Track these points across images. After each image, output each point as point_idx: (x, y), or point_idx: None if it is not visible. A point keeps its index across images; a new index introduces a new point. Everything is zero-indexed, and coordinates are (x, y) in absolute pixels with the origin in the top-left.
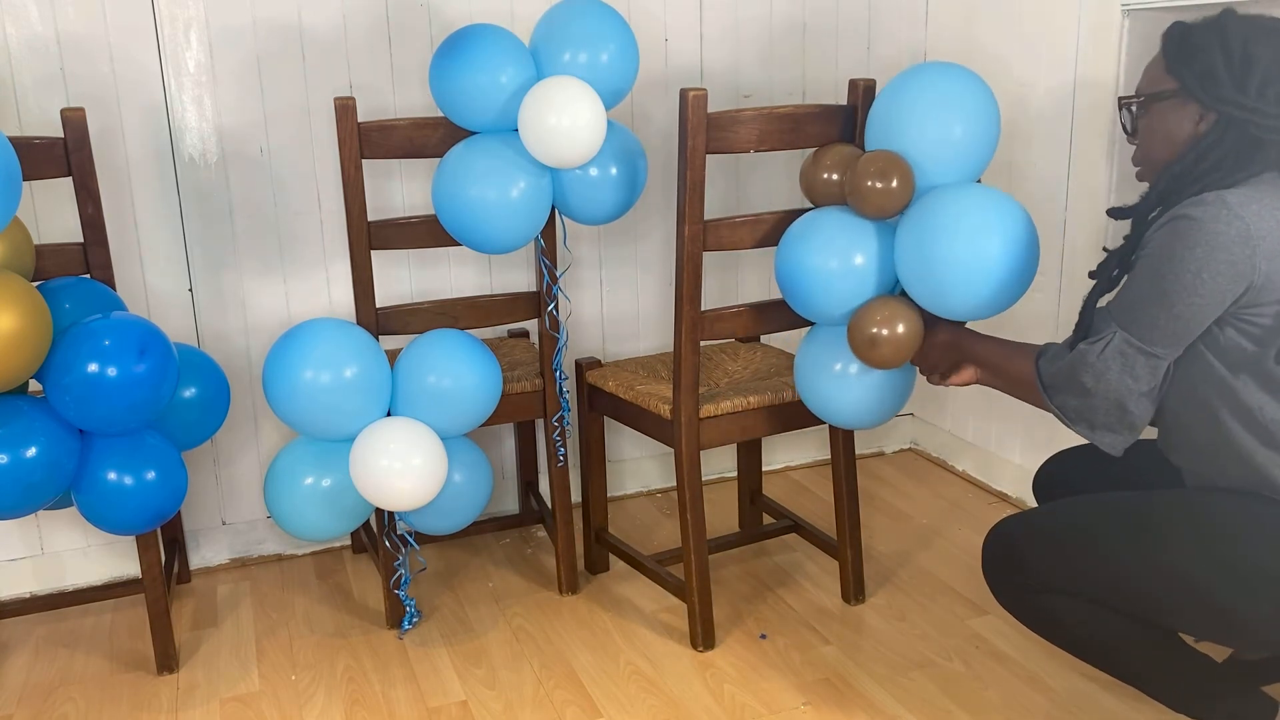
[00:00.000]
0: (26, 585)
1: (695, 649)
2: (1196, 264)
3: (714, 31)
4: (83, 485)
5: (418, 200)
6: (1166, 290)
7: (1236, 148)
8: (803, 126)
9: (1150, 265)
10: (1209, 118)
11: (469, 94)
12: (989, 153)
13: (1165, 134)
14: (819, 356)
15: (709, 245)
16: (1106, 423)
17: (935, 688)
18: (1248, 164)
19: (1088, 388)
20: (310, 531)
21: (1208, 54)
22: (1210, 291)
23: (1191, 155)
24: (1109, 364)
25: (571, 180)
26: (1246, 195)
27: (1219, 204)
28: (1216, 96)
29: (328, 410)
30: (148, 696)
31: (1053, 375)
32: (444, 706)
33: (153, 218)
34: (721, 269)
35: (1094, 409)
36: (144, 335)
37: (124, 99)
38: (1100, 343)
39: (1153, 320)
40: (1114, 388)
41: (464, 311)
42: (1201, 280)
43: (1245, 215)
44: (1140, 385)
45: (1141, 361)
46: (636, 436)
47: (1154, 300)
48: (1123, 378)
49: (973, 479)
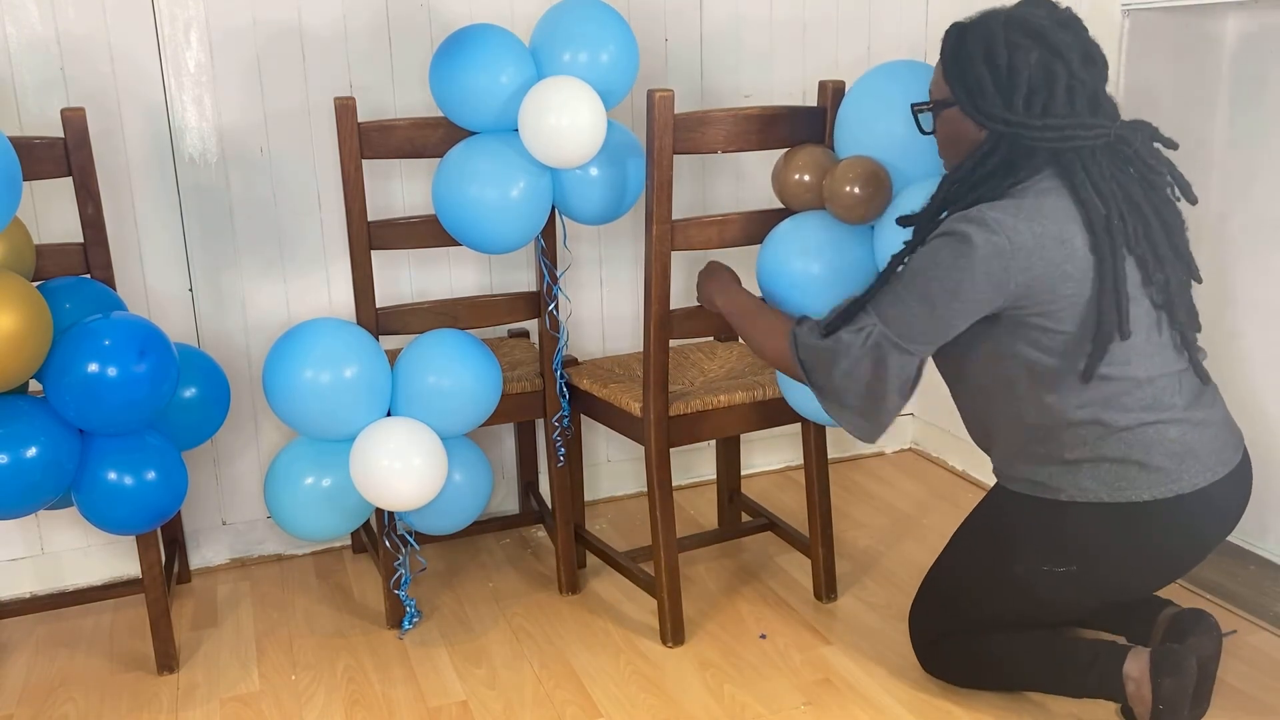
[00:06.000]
0: (26, 585)
1: (664, 644)
2: (959, 274)
3: (714, 31)
4: (83, 485)
5: (418, 200)
6: (930, 295)
7: (1010, 157)
8: (771, 128)
9: (918, 270)
10: (982, 131)
11: (469, 94)
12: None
13: (954, 139)
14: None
15: (677, 245)
16: (858, 406)
17: (935, 687)
18: (1021, 169)
19: (844, 371)
20: (310, 531)
21: (975, 67)
22: (969, 299)
23: (969, 163)
24: (866, 354)
25: (571, 180)
26: (1009, 209)
27: (980, 222)
28: (987, 114)
29: (328, 410)
30: (148, 696)
31: (809, 352)
32: (444, 706)
33: (153, 218)
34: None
35: (846, 391)
36: (144, 335)
37: (124, 99)
38: (861, 334)
39: (913, 319)
40: (867, 377)
41: (464, 311)
42: (962, 289)
43: (1004, 231)
44: (891, 379)
45: (895, 356)
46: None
47: (917, 302)
48: (877, 369)
49: (973, 479)
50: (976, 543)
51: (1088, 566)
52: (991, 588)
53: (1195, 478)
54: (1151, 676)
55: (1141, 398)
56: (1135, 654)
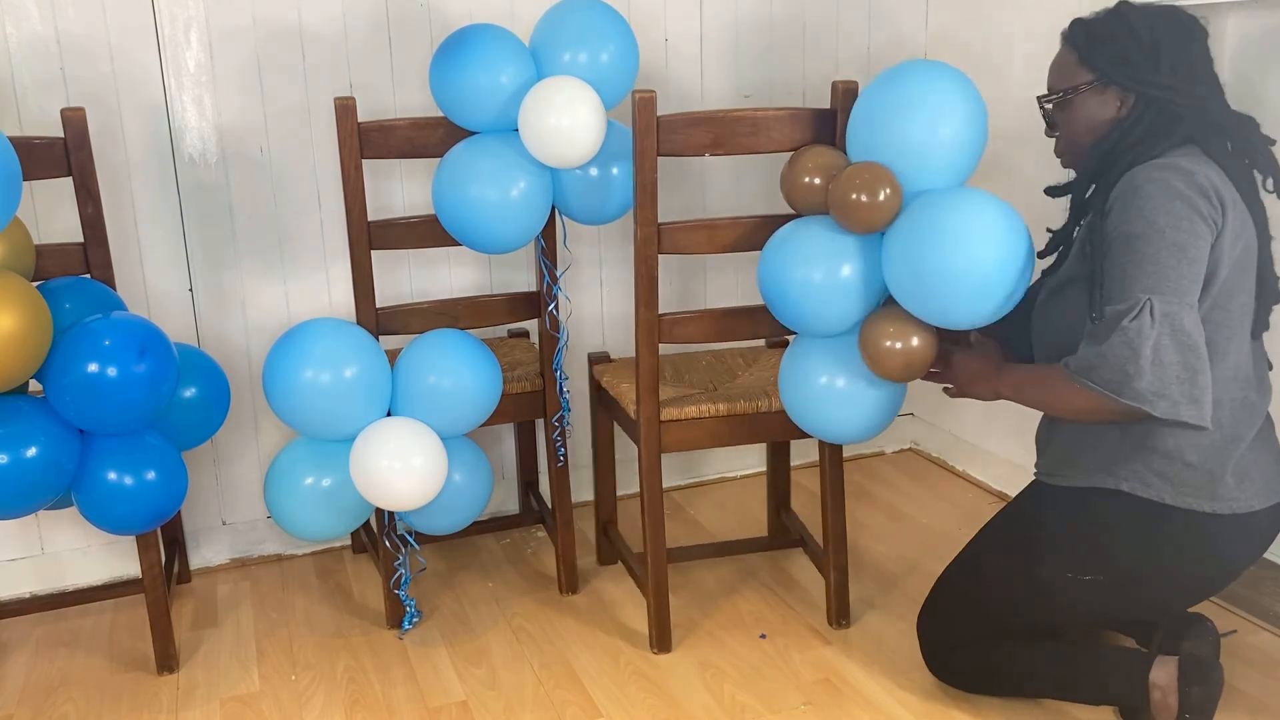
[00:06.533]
0: (26, 585)
1: (650, 650)
2: (1188, 212)
3: (714, 31)
4: (83, 485)
5: (418, 200)
6: (1179, 243)
7: (1156, 124)
8: (764, 130)
9: (1149, 226)
10: (1128, 100)
11: (469, 94)
12: (976, 155)
13: (1087, 121)
14: (803, 368)
15: (665, 248)
16: (1185, 391)
17: (935, 688)
18: (1168, 136)
19: (1152, 360)
20: (310, 531)
21: (1119, 42)
22: (1203, 235)
23: (1116, 134)
24: (1160, 330)
25: (571, 180)
26: (1185, 156)
27: (1172, 167)
28: (1134, 79)
29: (328, 410)
30: (148, 696)
31: (1102, 369)
32: (444, 706)
33: (153, 218)
34: (719, 270)
35: (1166, 381)
36: (144, 335)
37: (124, 99)
38: (1141, 315)
39: (1176, 273)
40: (1175, 355)
41: (464, 311)
42: (1195, 226)
43: (1198, 170)
44: (1197, 343)
45: (1188, 316)
46: None
47: (1168, 254)
48: (1178, 338)
49: (973, 479)
50: (1004, 544)
51: (1117, 575)
52: (1012, 592)
53: (1251, 500)
54: (1180, 685)
55: (1236, 395)
56: (1161, 662)
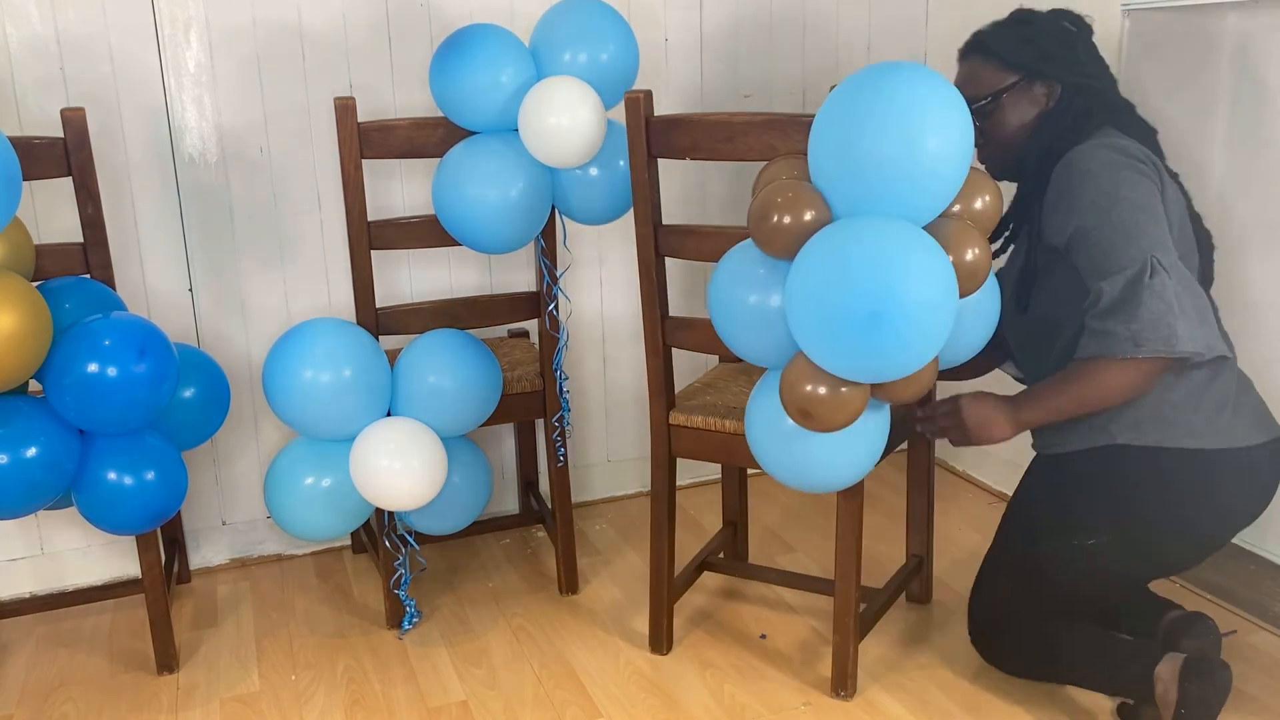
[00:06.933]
0: (26, 585)
1: (650, 650)
2: (1137, 177)
3: (714, 31)
4: (83, 485)
5: (418, 200)
6: (1142, 204)
7: (1081, 109)
8: (740, 137)
9: (1115, 201)
10: (1054, 91)
11: (469, 94)
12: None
13: (1018, 120)
14: (765, 409)
15: (665, 250)
16: (1209, 331)
17: (935, 688)
18: (1090, 118)
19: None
20: (310, 531)
21: (1038, 41)
22: (1156, 192)
23: (1044, 125)
24: (1176, 279)
25: (572, 180)
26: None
27: (1108, 146)
28: (1060, 69)
29: (328, 410)
30: (148, 696)
31: (1149, 336)
32: (444, 706)
33: (153, 218)
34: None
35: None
36: (144, 335)
37: (124, 99)
38: (1156, 271)
39: (1158, 229)
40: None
41: (464, 311)
42: (1148, 185)
43: (1125, 143)
44: (1195, 287)
45: (1178, 265)
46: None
47: (1145, 216)
48: (1185, 284)
49: (973, 479)
50: (1027, 518)
51: (1129, 527)
52: (1046, 564)
53: (1243, 435)
54: (1179, 679)
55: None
56: (1171, 657)
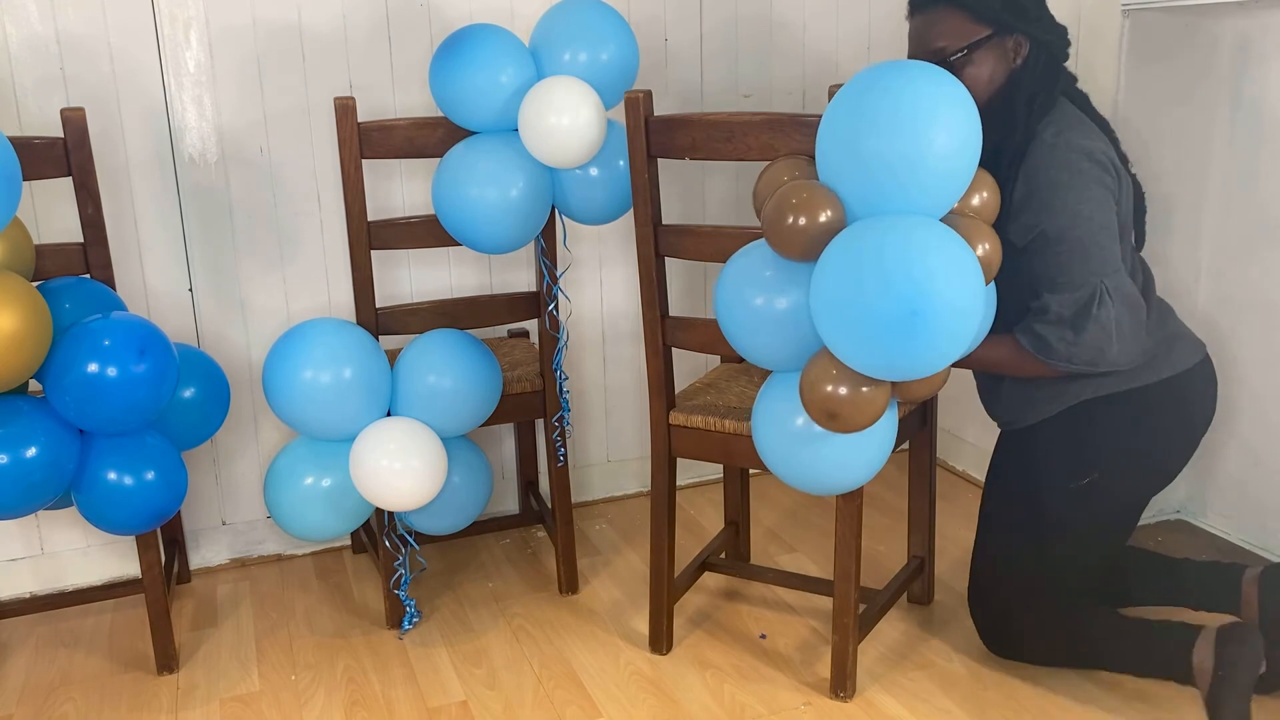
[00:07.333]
0: (26, 585)
1: (650, 650)
2: (1104, 194)
3: (714, 31)
4: (83, 485)
5: (418, 200)
6: (1104, 223)
7: (1047, 69)
8: (739, 137)
9: (1072, 220)
10: (1023, 48)
11: (469, 94)
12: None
13: (990, 76)
14: (775, 411)
15: (665, 250)
16: (1138, 343)
17: (935, 688)
18: (1056, 81)
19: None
20: (310, 531)
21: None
22: (1113, 204)
23: (1014, 87)
24: (1118, 304)
25: (572, 180)
26: (1080, 132)
27: (1075, 148)
28: (1030, 23)
29: (328, 410)
30: (148, 696)
31: (1081, 356)
32: (444, 706)
33: (153, 218)
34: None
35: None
36: (144, 335)
37: (124, 99)
38: (1103, 301)
39: (1112, 249)
40: (1127, 317)
41: (464, 311)
42: (1110, 202)
43: (1094, 147)
44: (1135, 300)
45: (1125, 280)
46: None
47: (1102, 235)
48: (1128, 303)
49: (973, 479)
50: (1007, 491)
51: (1108, 468)
52: (1034, 535)
53: (1180, 361)
54: (1216, 645)
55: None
56: (1206, 632)
